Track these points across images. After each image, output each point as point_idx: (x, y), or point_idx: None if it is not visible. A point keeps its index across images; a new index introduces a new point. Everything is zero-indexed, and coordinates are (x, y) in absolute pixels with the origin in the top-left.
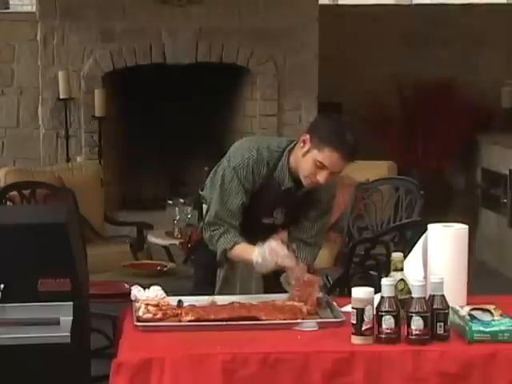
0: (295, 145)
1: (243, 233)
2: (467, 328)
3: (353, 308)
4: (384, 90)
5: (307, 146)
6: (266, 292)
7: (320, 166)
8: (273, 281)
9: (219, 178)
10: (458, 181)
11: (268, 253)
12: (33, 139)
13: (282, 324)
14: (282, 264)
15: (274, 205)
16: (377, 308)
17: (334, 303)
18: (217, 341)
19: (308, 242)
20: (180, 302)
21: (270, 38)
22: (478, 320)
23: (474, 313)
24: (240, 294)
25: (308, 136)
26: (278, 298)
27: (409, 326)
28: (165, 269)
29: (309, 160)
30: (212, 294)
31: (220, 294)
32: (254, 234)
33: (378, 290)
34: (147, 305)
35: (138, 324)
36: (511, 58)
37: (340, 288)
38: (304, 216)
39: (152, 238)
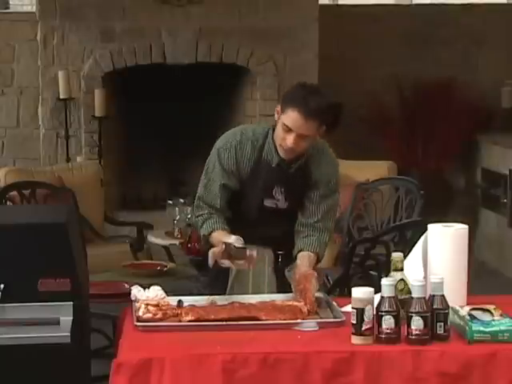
0: None
1: (245, 216)
2: (467, 328)
3: (353, 308)
4: (384, 90)
5: (278, 115)
6: (278, 288)
7: (286, 130)
8: (283, 278)
9: (206, 164)
10: (457, 181)
11: None
12: (33, 139)
13: (282, 324)
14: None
15: (269, 184)
16: (377, 308)
17: (334, 303)
18: (217, 341)
19: (315, 226)
20: (180, 301)
21: (270, 37)
22: (478, 320)
23: (474, 313)
24: (252, 290)
25: (279, 105)
26: (277, 297)
27: (409, 325)
28: (165, 269)
29: (279, 127)
30: (223, 292)
31: (231, 289)
32: (257, 217)
33: (378, 289)
34: (147, 305)
35: (138, 324)
36: (511, 57)
37: (340, 288)
38: (308, 198)
39: (152, 238)
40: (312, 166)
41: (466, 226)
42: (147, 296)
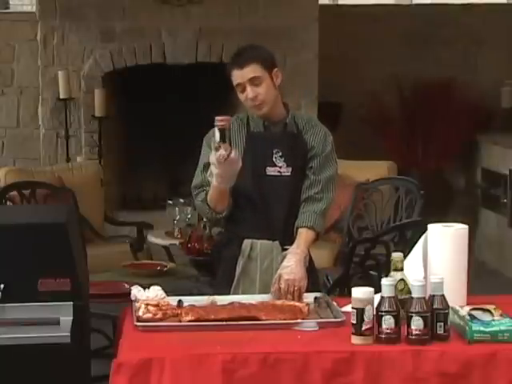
0: None
1: (250, 199)
2: (467, 328)
3: (353, 308)
4: (384, 90)
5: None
6: None
7: (241, 89)
8: None
9: None
10: (457, 181)
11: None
12: (33, 139)
13: (282, 324)
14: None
15: (266, 149)
16: (377, 308)
17: (334, 303)
18: (217, 341)
19: (315, 197)
20: (180, 301)
21: (270, 37)
22: (478, 320)
23: (474, 313)
24: (260, 286)
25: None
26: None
27: (409, 325)
28: (165, 269)
29: (239, 96)
30: (229, 290)
31: (238, 284)
32: (263, 189)
33: (378, 289)
34: (147, 305)
35: (138, 324)
36: (511, 57)
37: (340, 288)
38: (309, 170)
39: (152, 238)
40: (305, 135)
41: (466, 226)
42: (147, 296)
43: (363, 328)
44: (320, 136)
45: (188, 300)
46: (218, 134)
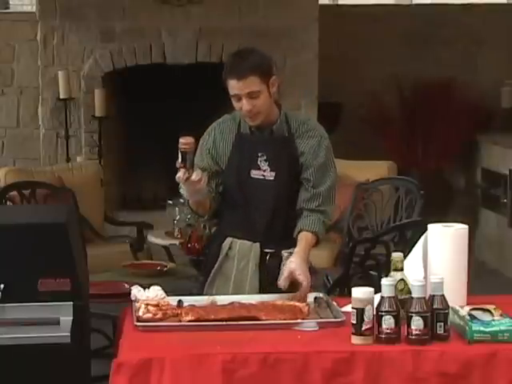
0: None
1: (234, 199)
2: (467, 328)
3: (353, 308)
4: (384, 90)
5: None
6: (264, 288)
7: (236, 99)
8: (268, 277)
9: None
10: (457, 181)
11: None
12: (33, 139)
13: (282, 324)
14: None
15: (252, 152)
16: (377, 308)
17: (334, 303)
18: (217, 341)
19: (318, 209)
20: (180, 301)
21: (270, 37)
22: (478, 320)
23: (474, 313)
24: (234, 285)
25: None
26: (278, 297)
27: (409, 325)
28: (165, 269)
29: (233, 104)
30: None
31: (212, 280)
32: (247, 191)
33: (378, 289)
34: (147, 305)
35: (138, 324)
36: (511, 57)
37: (340, 288)
38: (306, 181)
39: (152, 238)
40: (297, 139)
41: (466, 226)
42: (147, 296)
43: (363, 328)
44: (313, 141)
45: (188, 300)
46: (180, 156)
